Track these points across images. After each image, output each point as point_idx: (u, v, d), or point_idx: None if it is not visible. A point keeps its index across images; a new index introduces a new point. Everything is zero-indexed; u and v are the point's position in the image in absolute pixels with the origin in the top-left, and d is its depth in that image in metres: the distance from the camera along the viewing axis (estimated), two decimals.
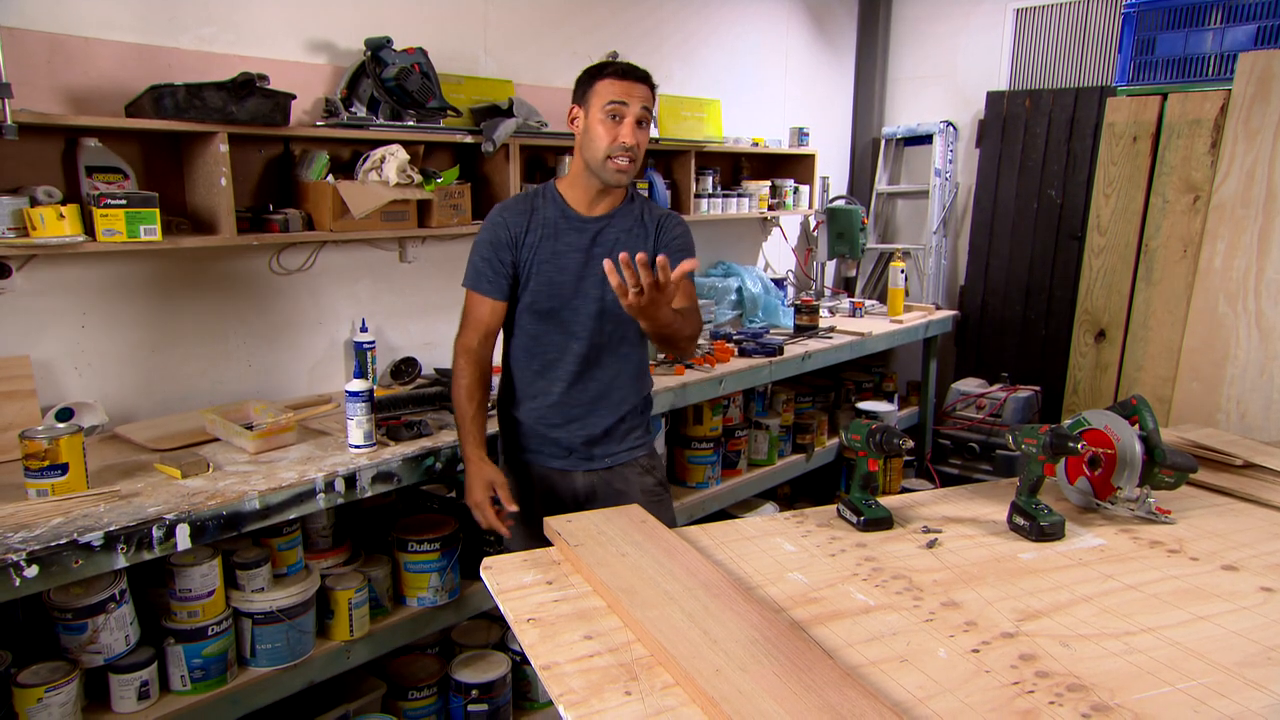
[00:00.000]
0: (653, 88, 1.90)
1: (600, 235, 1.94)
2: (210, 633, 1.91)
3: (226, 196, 2.22)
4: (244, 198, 2.45)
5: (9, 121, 1.87)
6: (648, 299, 1.56)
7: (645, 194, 2.74)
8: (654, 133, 1.95)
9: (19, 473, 1.77)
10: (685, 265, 1.58)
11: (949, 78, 4.66)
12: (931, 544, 1.51)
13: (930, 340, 4.41)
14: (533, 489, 2.05)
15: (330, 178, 2.49)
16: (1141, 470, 1.61)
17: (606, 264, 1.55)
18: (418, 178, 2.57)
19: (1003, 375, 4.38)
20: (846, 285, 4.98)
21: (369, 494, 2.06)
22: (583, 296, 1.93)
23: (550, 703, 1.14)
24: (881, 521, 1.58)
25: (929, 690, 1.07)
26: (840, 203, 4.58)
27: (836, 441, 3.97)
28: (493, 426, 2.15)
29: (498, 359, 2.05)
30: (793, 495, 4.23)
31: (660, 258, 1.54)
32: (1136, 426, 1.65)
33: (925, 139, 4.70)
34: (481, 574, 1.40)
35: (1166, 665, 1.13)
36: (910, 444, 1.62)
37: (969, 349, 4.68)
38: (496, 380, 2.09)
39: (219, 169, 2.20)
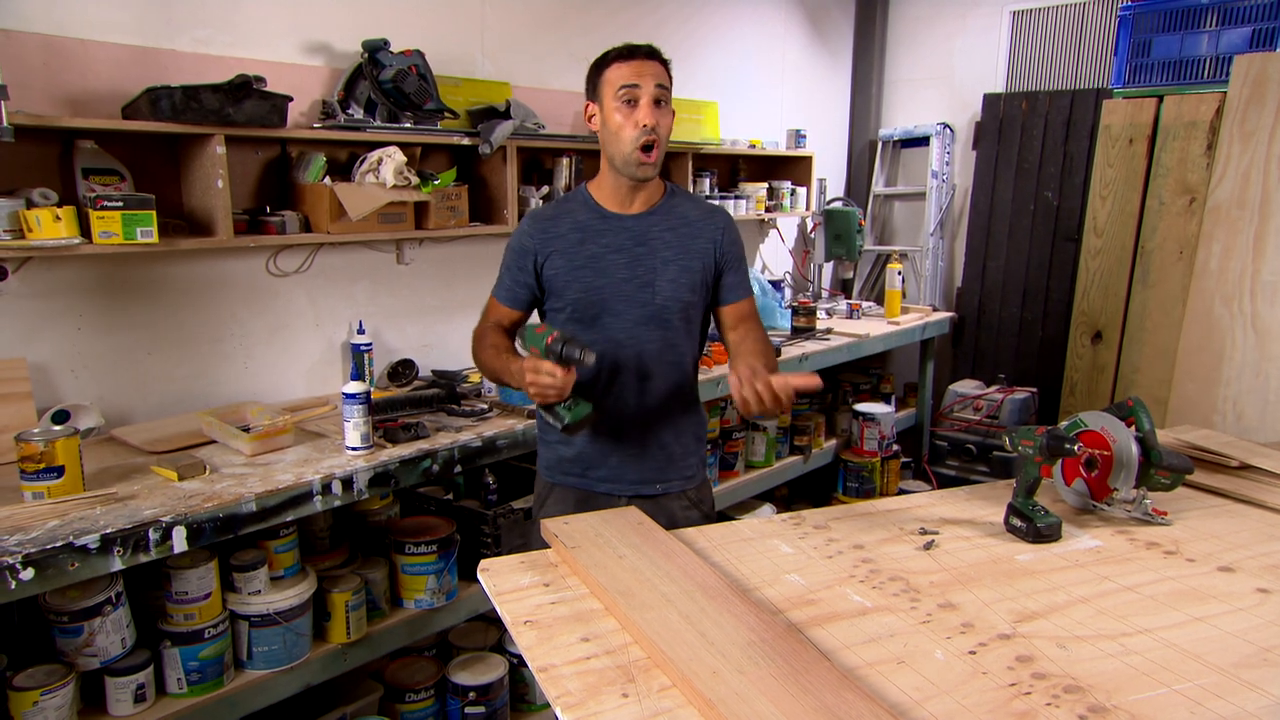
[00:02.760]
0: (665, 63, 1.76)
1: (645, 235, 1.80)
2: (207, 635, 1.90)
3: (223, 198, 2.22)
4: (241, 199, 2.44)
5: (5, 124, 1.86)
6: (769, 409, 1.54)
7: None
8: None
9: (15, 475, 1.77)
10: (805, 382, 1.53)
11: (946, 80, 4.67)
12: (928, 545, 1.51)
13: (927, 342, 4.41)
14: (571, 512, 1.88)
15: (327, 179, 2.49)
16: (1138, 472, 1.61)
17: (731, 379, 1.54)
18: (415, 180, 2.57)
19: (1000, 377, 4.38)
20: (844, 287, 4.98)
21: (366, 496, 2.06)
22: (627, 301, 1.79)
23: (547, 705, 1.14)
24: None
25: (926, 692, 1.07)
26: (837, 204, 4.59)
27: (834, 443, 3.98)
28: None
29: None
30: (790, 497, 4.23)
31: (781, 384, 1.51)
32: (1133, 428, 1.65)
33: (922, 141, 4.70)
34: (479, 576, 1.40)
35: (1163, 666, 1.13)
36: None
37: (966, 350, 4.69)
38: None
39: (216, 171, 2.20)
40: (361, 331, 2.76)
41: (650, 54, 1.75)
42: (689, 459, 1.93)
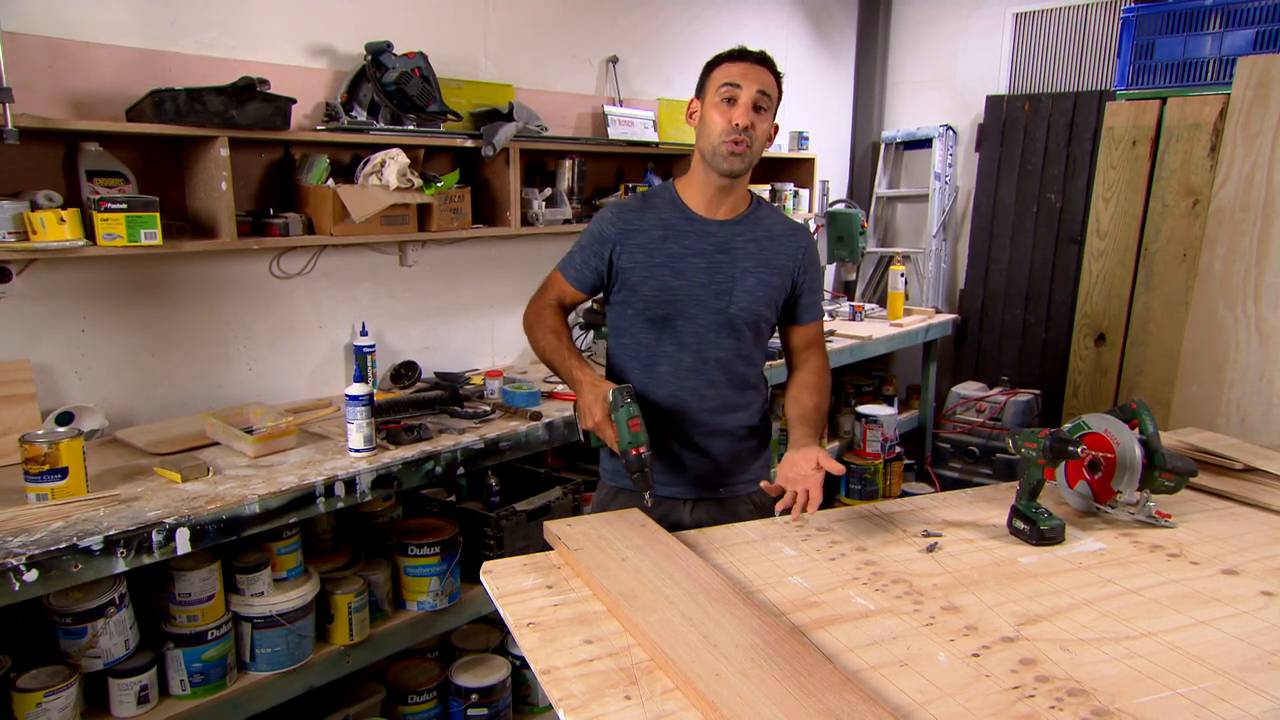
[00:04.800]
0: (775, 73, 1.75)
1: (728, 243, 1.78)
2: (210, 637, 1.91)
3: (227, 200, 2.22)
4: (244, 202, 2.45)
5: (10, 126, 1.87)
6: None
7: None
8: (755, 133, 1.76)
9: (19, 477, 1.77)
10: (829, 468, 1.58)
11: (948, 82, 4.67)
12: (932, 548, 1.51)
13: (930, 344, 4.41)
14: None
15: (330, 182, 2.50)
16: (1141, 474, 1.61)
17: (781, 508, 1.56)
18: (418, 182, 2.57)
19: (1003, 379, 4.38)
20: (846, 289, 4.98)
21: (369, 498, 2.06)
22: (701, 306, 1.77)
23: (550, 707, 1.14)
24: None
25: (929, 695, 1.07)
26: (840, 206, 4.59)
27: (837, 445, 3.97)
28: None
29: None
30: None
31: (817, 464, 1.57)
32: (1136, 430, 1.65)
33: (925, 143, 4.70)
34: (482, 578, 1.40)
35: (1167, 670, 1.13)
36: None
37: (969, 352, 4.69)
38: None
39: (219, 173, 2.21)
40: (364, 333, 2.77)
41: (760, 60, 1.74)
42: (754, 462, 1.91)
